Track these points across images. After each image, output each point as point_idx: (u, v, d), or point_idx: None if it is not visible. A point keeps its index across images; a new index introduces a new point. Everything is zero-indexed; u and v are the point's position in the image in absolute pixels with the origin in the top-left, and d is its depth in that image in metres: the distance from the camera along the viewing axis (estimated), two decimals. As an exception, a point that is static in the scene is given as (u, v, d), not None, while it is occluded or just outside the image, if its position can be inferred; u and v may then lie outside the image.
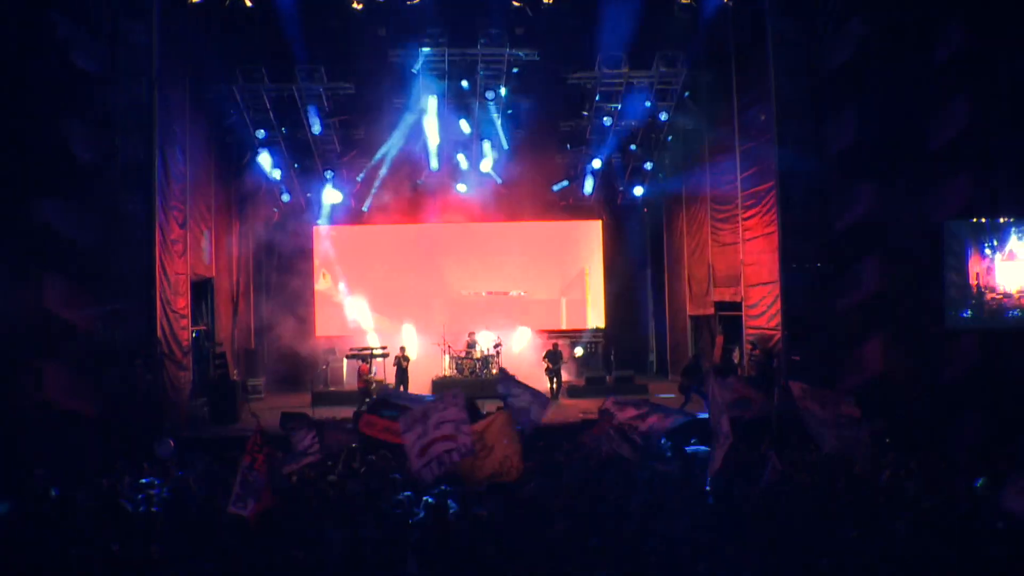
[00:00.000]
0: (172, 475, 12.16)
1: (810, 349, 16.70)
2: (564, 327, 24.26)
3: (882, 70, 16.75)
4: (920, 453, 11.94)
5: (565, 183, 24.09)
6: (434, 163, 22.18)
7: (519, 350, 22.87)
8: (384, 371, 20.77)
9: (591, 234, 25.26)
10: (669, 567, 7.58)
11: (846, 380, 16.36)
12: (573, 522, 8.68)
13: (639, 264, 25.87)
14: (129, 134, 15.76)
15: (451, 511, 9.22)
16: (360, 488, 10.88)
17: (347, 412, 17.12)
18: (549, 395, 20.14)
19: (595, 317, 25.06)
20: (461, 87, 20.08)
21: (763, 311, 17.81)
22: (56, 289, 15.70)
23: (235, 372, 18.94)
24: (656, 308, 25.65)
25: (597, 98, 20.81)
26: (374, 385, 19.20)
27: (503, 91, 20.25)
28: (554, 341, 21.78)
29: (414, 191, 23.64)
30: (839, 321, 16.89)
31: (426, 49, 19.22)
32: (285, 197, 23.07)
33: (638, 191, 24.09)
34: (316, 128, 20.71)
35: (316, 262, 24.09)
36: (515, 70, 19.75)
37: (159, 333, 16.05)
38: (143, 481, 11.66)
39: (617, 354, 22.25)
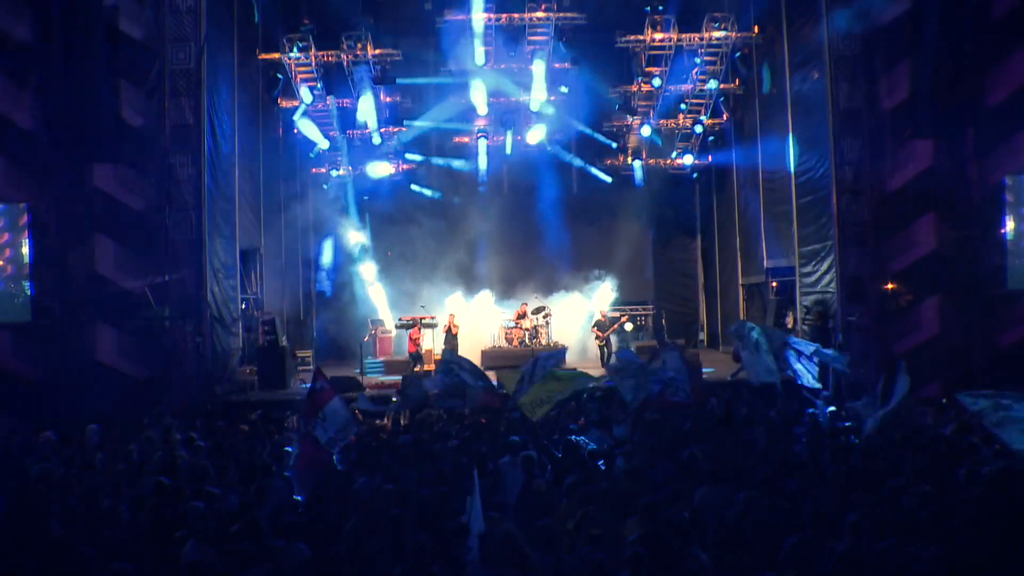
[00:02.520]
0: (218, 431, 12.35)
1: (866, 310, 16.38)
2: (613, 299, 23.99)
3: (938, 24, 16.26)
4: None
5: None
6: (481, 132, 22.04)
7: (569, 321, 22.67)
8: (433, 341, 20.74)
9: (640, 204, 24.97)
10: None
11: (902, 341, 16.06)
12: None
13: (689, 234, 25.52)
14: (178, 99, 15.96)
15: None
16: (409, 440, 10.99)
17: (395, 380, 17.25)
18: (600, 364, 20.19)
19: (644, 289, 24.81)
20: (509, 54, 19.88)
21: (818, 274, 17.47)
22: (109, 253, 15.97)
23: (284, 339, 19.03)
24: (707, 279, 25.28)
25: (645, 63, 20.48)
26: (423, 352, 19.24)
27: (551, 57, 20.00)
28: (603, 311, 21.60)
29: (461, 161, 23.51)
30: (895, 282, 16.52)
31: (474, 15, 19.07)
32: (335, 172, 23.17)
33: (688, 160, 23.71)
34: (364, 97, 20.63)
35: (364, 233, 24.11)
36: (563, 35, 19.45)
37: (209, 298, 16.22)
38: (193, 435, 11.84)
39: (666, 326, 22.08)
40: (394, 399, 13.71)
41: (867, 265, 16.56)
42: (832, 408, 12.21)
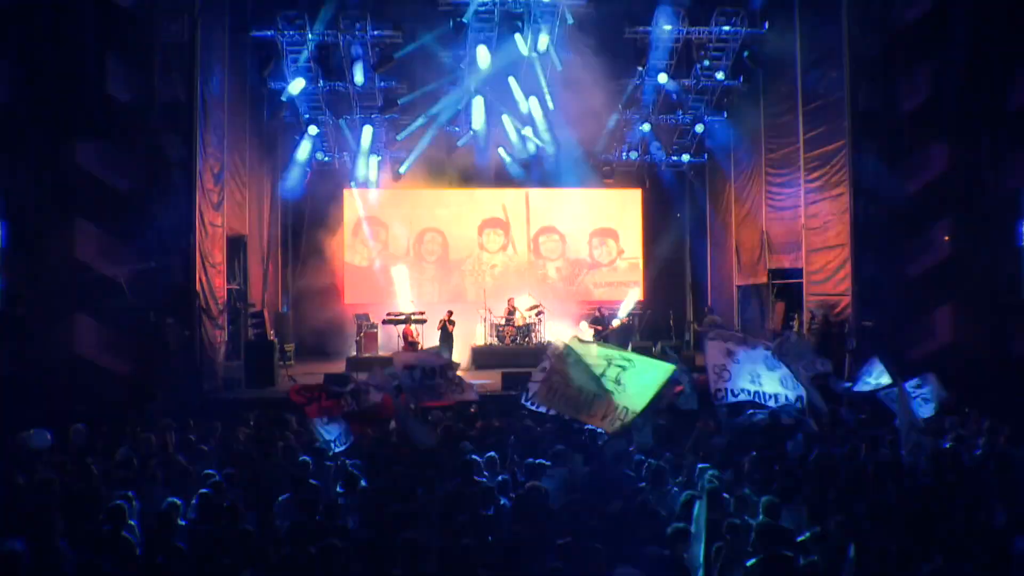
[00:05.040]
0: (218, 432, 11.51)
1: (880, 315, 15.96)
2: (603, 298, 23.48)
3: (960, 25, 15.91)
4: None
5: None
6: (477, 123, 21.23)
7: (560, 318, 22.07)
8: (423, 336, 19.99)
9: (632, 203, 24.47)
10: None
11: (916, 348, 15.69)
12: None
13: (680, 233, 25.01)
14: (169, 75, 14.95)
15: None
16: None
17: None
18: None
19: (634, 289, 24.34)
20: (511, 40, 19.02)
21: (828, 277, 17.04)
22: (90, 238, 14.86)
23: (272, 333, 18.08)
24: (696, 279, 24.80)
25: (651, 56, 19.81)
26: (419, 348, 18.47)
27: (554, 47, 19.22)
28: (597, 307, 21.12)
29: (453, 153, 22.67)
30: (910, 287, 16.14)
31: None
32: (320, 155, 22.24)
33: (685, 157, 23.22)
34: (359, 79, 19.59)
35: (348, 225, 23.24)
36: (569, 22, 18.65)
37: (197, 287, 15.21)
38: (191, 437, 10.98)
39: (654, 328, 21.68)
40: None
41: (882, 269, 16.13)
42: None
